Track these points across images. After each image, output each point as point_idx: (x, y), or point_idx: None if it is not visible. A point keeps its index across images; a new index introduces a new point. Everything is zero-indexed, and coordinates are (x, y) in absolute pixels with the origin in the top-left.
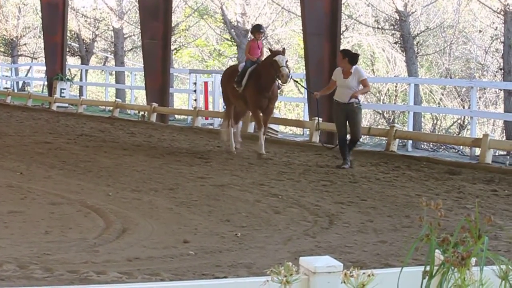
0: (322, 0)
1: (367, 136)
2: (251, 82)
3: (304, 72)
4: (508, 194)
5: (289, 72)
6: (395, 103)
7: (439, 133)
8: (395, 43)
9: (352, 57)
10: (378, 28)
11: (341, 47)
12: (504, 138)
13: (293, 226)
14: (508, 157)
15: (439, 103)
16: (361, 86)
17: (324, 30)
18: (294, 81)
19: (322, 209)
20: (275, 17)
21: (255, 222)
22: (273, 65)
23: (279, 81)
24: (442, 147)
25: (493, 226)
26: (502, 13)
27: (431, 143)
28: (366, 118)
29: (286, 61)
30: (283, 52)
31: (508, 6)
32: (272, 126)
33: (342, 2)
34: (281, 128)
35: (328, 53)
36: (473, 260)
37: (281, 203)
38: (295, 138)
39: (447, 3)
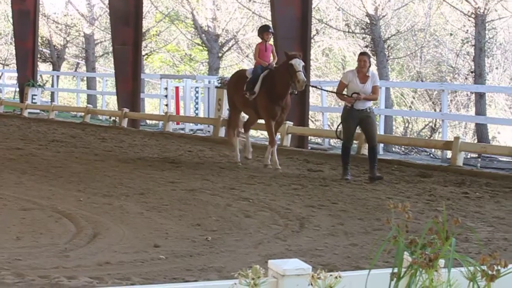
0: (292, 5)
1: (338, 140)
2: (264, 89)
3: None
4: (479, 196)
5: (305, 77)
6: None
7: (411, 136)
8: (366, 46)
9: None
10: (348, 32)
11: (311, 51)
12: (475, 141)
13: (264, 230)
14: (479, 159)
15: (410, 106)
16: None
17: (294, 34)
18: (312, 86)
19: (293, 213)
20: (245, 22)
21: (225, 226)
22: (288, 70)
23: (294, 87)
24: (414, 150)
25: (464, 228)
26: (473, 16)
27: (403, 146)
28: (337, 122)
29: (303, 66)
30: (299, 55)
31: (479, 9)
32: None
33: (313, 6)
34: (252, 132)
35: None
36: (442, 261)
37: (252, 207)
38: (265, 142)
39: (418, 6)
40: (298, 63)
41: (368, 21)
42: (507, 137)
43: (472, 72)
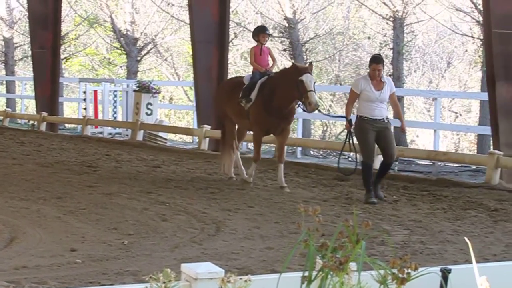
0: (210, 8)
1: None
2: (260, 98)
3: (193, 80)
4: (396, 199)
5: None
6: None
7: (328, 140)
8: (284, 50)
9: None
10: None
11: (229, 55)
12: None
13: (180, 234)
14: (397, 162)
15: (329, 110)
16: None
17: (212, 38)
18: (322, 114)
19: (209, 216)
20: (164, 25)
21: (142, 230)
22: (298, 86)
23: (302, 106)
24: (332, 154)
25: (380, 232)
26: (391, 19)
27: (320, 149)
28: None
29: (315, 83)
30: (310, 69)
31: (397, 13)
32: (160, 134)
33: (231, 10)
34: (170, 136)
35: (216, 61)
36: (354, 265)
37: (168, 211)
38: (184, 146)
39: (336, 10)
40: (309, 80)
41: (287, 25)
42: (425, 140)
43: (390, 75)
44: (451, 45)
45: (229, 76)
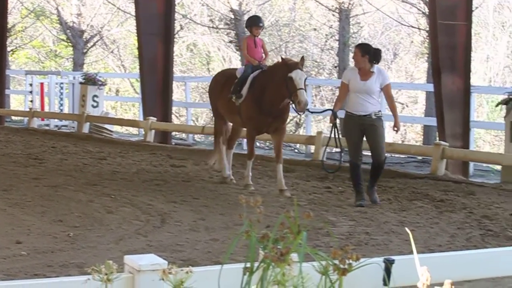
0: (155, 1)
1: (202, 135)
2: (251, 93)
3: (139, 73)
4: (342, 191)
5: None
6: None
7: None
8: (230, 42)
9: (374, 55)
10: (213, 27)
11: (175, 47)
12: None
13: (126, 226)
14: (343, 154)
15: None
16: (379, 95)
17: (158, 30)
18: (312, 112)
19: (155, 208)
20: (110, 18)
21: (87, 222)
22: (287, 83)
23: (293, 105)
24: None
25: (326, 223)
26: (337, 11)
27: (267, 141)
28: (202, 117)
29: (306, 79)
30: (301, 64)
31: (343, 4)
32: (106, 126)
33: (177, 1)
34: (116, 128)
35: (162, 53)
36: (296, 256)
37: (114, 203)
38: (130, 138)
39: (282, 1)
40: (299, 77)
41: (233, 16)
42: None
43: (336, 66)
44: (397, 37)
45: (174, 68)
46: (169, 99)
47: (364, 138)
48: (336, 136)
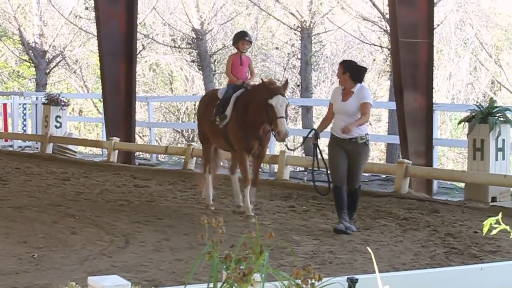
0: (117, 20)
1: (165, 156)
2: (235, 114)
3: (101, 93)
4: (306, 210)
5: (287, 125)
6: (194, 121)
7: None
8: (193, 61)
9: (356, 72)
10: (175, 47)
11: (137, 67)
12: (303, 154)
13: (90, 246)
14: (306, 173)
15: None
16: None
17: (120, 50)
18: (290, 150)
19: (119, 229)
20: (73, 38)
21: (52, 243)
22: (267, 110)
23: (272, 133)
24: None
25: (290, 242)
26: (299, 30)
27: (230, 160)
28: (166, 137)
29: (287, 106)
30: (284, 89)
31: (305, 23)
32: (70, 146)
33: (139, 21)
34: (80, 148)
35: (124, 73)
36: (259, 276)
37: (78, 224)
38: (94, 158)
39: (244, 20)
40: (280, 104)
41: (195, 36)
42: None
43: (298, 85)
44: (359, 55)
45: (137, 88)
46: (132, 119)
47: None
48: (320, 157)
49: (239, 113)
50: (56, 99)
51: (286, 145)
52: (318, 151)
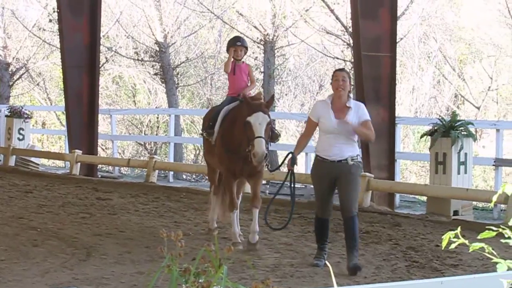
0: (80, 33)
1: (128, 168)
2: (221, 130)
3: (64, 105)
4: (268, 223)
5: (268, 146)
6: (156, 134)
7: (199, 164)
8: (156, 74)
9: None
10: (138, 59)
11: (100, 79)
12: (264, 168)
13: (51, 259)
14: (268, 186)
15: (202, 134)
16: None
17: (83, 63)
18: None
19: (80, 241)
20: (36, 50)
21: (13, 256)
22: (245, 128)
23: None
24: (204, 178)
25: (251, 255)
26: (262, 43)
27: (193, 173)
28: (128, 150)
29: (268, 124)
30: (267, 106)
31: (268, 36)
32: (33, 159)
33: (102, 34)
34: (43, 161)
35: (87, 85)
36: None
37: (40, 236)
38: (56, 170)
39: (208, 34)
40: (260, 122)
41: (158, 49)
42: (299, 163)
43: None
44: (323, 68)
45: (100, 101)
46: (95, 131)
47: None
48: (292, 185)
49: (225, 129)
50: (19, 112)
51: (267, 166)
52: (292, 179)
